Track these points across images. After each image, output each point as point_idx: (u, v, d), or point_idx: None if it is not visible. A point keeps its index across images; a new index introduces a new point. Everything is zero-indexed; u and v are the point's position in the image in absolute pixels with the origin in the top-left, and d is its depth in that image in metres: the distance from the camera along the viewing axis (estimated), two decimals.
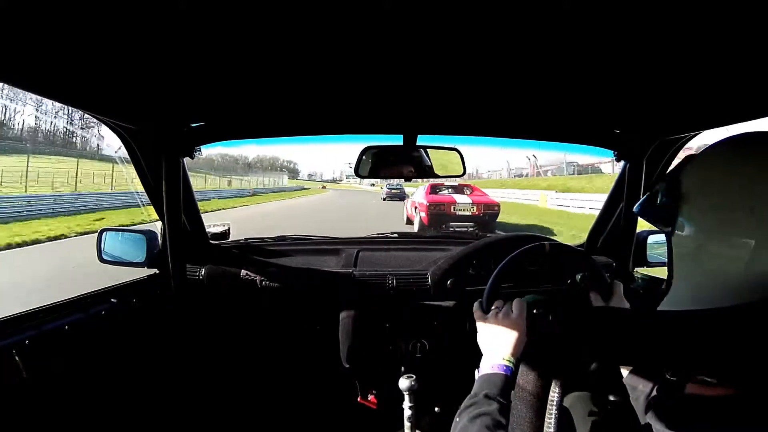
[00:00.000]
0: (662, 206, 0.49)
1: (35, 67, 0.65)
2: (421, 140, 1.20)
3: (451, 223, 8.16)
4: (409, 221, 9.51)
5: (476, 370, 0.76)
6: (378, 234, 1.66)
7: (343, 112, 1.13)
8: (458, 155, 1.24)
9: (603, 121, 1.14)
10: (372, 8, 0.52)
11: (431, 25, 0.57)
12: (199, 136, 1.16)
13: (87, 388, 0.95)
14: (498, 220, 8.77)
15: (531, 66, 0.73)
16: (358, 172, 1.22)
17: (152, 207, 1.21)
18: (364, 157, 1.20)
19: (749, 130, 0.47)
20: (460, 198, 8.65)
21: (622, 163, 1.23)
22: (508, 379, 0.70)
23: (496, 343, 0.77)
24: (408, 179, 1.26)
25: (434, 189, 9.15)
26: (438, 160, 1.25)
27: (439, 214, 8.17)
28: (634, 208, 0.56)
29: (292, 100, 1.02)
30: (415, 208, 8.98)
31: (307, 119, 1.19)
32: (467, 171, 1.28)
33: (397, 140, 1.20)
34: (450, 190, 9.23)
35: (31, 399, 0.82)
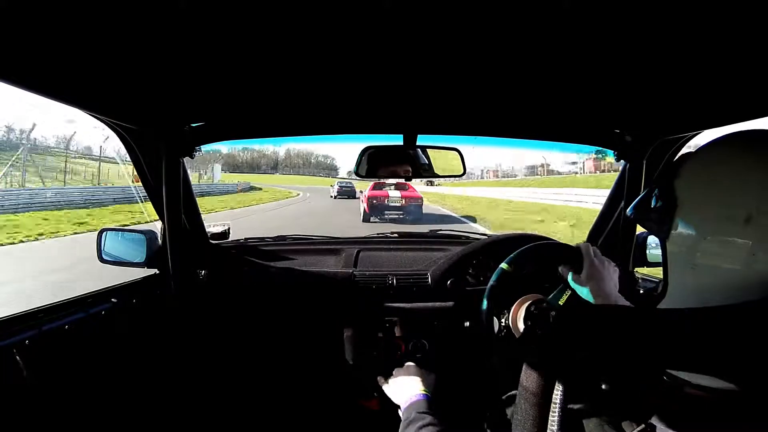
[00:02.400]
0: (656, 208, 0.48)
1: (36, 67, 0.65)
2: (421, 140, 1.20)
3: (385, 211, 11.36)
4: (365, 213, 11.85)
5: (398, 410, 0.87)
6: (378, 234, 1.66)
7: (343, 112, 1.13)
8: (458, 155, 1.24)
9: (603, 121, 1.14)
10: (372, 8, 0.52)
11: (431, 25, 0.57)
12: (199, 136, 1.16)
13: (87, 388, 0.95)
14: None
15: (531, 66, 0.73)
16: (357, 172, 1.23)
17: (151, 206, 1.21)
18: (364, 157, 1.21)
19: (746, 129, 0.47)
20: (392, 193, 11.55)
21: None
22: (430, 401, 0.85)
23: (406, 386, 0.92)
24: (408, 179, 1.26)
25: (376, 186, 11.96)
26: (438, 159, 1.25)
27: (376, 204, 11.30)
28: (627, 211, 0.56)
29: (292, 100, 1.02)
30: (363, 200, 11.79)
31: (307, 119, 1.19)
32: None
33: (397, 140, 1.20)
34: (388, 187, 11.87)
35: (31, 399, 0.82)
